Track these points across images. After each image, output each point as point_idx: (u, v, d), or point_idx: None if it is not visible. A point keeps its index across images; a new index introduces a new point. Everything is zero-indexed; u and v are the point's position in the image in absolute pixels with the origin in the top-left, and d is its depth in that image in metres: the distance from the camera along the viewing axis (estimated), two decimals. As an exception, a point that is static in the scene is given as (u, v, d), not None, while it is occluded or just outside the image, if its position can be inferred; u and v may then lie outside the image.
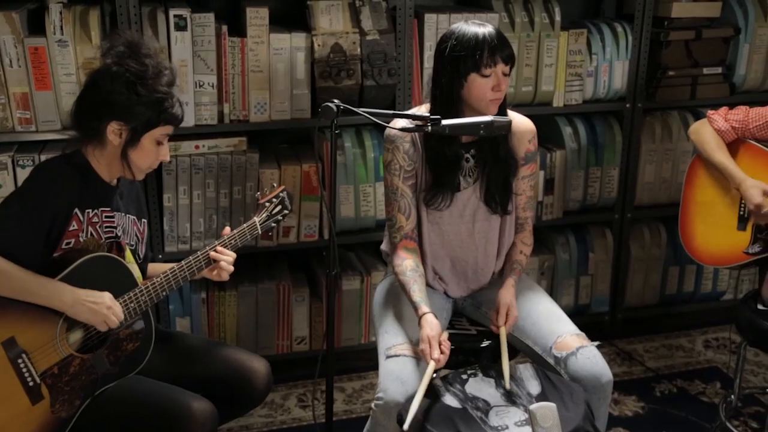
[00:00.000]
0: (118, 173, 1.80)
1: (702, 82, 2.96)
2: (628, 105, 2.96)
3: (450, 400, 1.76)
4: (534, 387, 1.80)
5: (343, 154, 2.75)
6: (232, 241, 1.90)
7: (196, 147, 2.62)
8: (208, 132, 2.62)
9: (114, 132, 1.71)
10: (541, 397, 1.76)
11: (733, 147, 2.36)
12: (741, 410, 2.71)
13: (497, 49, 1.92)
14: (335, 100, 1.86)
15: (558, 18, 2.79)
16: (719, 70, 2.97)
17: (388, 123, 1.92)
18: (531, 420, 1.56)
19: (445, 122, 1.81)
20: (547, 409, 1.54)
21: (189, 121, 2.56)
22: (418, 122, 1.84)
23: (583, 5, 3.18)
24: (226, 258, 1.88)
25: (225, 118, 2.62)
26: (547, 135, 3.07)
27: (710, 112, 2.41)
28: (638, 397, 2.82)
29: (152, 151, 1.75)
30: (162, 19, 2.46)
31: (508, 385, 1.80)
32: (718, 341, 3.19)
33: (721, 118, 2.36)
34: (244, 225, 1.94)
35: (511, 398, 1.76)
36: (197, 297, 2.79)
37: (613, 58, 2.89)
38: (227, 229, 1.93)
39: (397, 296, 2.11)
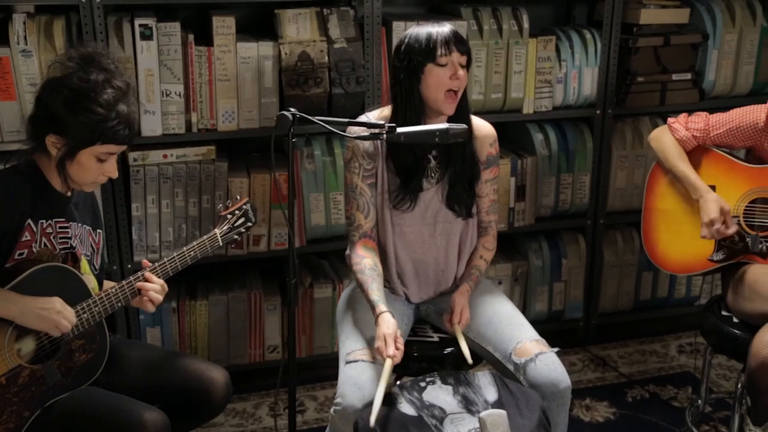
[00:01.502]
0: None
1: (671, 88, 2.98)
2: (598, 111, 2.97)
3: (406, 408, 1.76)
4: (491, 394, 1.80)
5: (313, 162, 2.76)
6: (192, 253, 1.89)
7: (164, 156, 2.62)
8: (176, 141, 2.62)
9: (52, 144, 1.70)
10: (497, 404, 1.76)
11: (695, 154, 2.36)
12: (711, 415, 2.71)
13: (452, 40, 1.96)
14: (291, 109, 1.87)
15: (526, 25, 2.80)
16: (688, 76, 2.99)
17: (343, 131, 1.92)
18: (481, 427, 1.56)
19: (400, 130, 1.81)
20: (497, 416, 1.53)
21: (156, 131, 2.57)
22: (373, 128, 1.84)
23: (554, 13, 3.19)
24: (154, 287, 1.81)
25: (193, 127, 2.62)
26: (518, 141, 3.09)
27: (670, 120, 2.41)
28: (610, 403, 2.82)
29: (92, 168, 1.72)
30: (128, 28, 2.46)
31: (470, 360, 1.82)
32: (692, 346, 3.20)
33: (682, 127, 2.36)
34: (205, 237, 1.93)
35: (467, 405, 1.76)
36: (167, 306, 2.78)
37: (582, 64, 2.90)
38: (145, 262, 1.87)
39: (359, 302, 2.11)
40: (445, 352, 2.08)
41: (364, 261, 2.04)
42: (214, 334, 2.84)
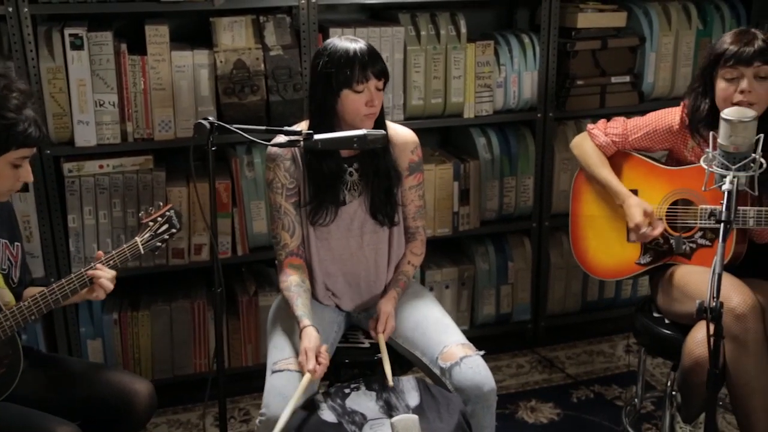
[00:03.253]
0: None
1: (611, 91, 3.01)
2: (539, 114, 2.99)
3: (327, 414, 1.76)
4: (413, 399, 1.81)
5: (254, 169, 2.75)
6: (111, 261, 1.88)
7: (100, 166, 2.60)
8: (112, 151, 2.60)
9: None
10: (419, 408, 1.76)
11: (616, 158, 2.38)
12: (654, 413, 2.74)
13: (368, 64, 1.94)
14: (209, 117, 1.86)
15: (464, 30, 2.82)
16: (627, 78, 3.02)
17: (262, 140, 1.91)
18: (393, 432, 1.56)
19: (317, 136, 1.82)
20: (409, 421, 1.54)
21: (90, 141, 2.55)
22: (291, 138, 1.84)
23: (496, 18, 3.21)
24: (105, 275, 1.85)
25: (128, 137, 2.60)
26: (462, 146, 3.10)
27: (589, 126, 2.43)
28: (555, 404, 2.84)
29: (8, 175, 1.71)
30: (57, 38, 2.44)
31: (391, 383, 1.81)
32: (631, 347, 3.22)
33: (601, 132, 2.38)
34: (125, 245, 1.92)
35: (388, 411, 1.76)
36: (109, 318, 2.76)
37: (521, 68, 2.93)
38: (100, 253, 1.90)
39: (288, 312, 2.10)
40: (376, 357, 2.08)
41: (290, 278, 2.05)
42: (157, 345, 2.82)
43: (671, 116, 2.26)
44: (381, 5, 2.91)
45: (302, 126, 2.09)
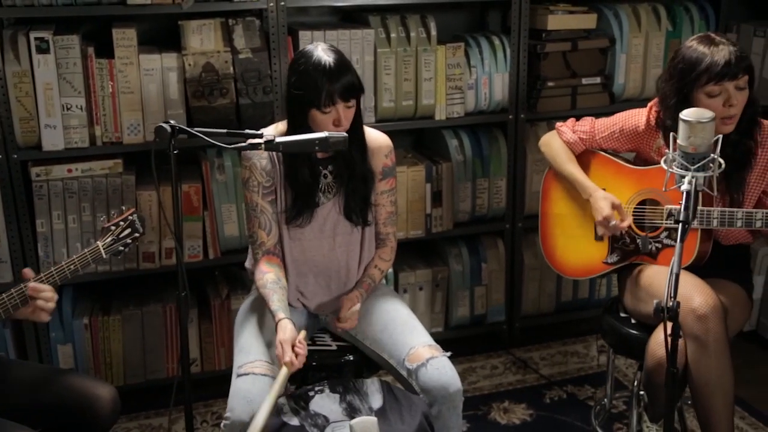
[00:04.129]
0: None
1: (582, 92, 3.02)
2: (510, 116, 3.00)
3: (290, 418, 1.76)
4: (376, 401, 1.81)
5: (224, 173, 2.74)
6: (71, 266, 1.86)
7: (69, 171, 2.59)
8: (80, 155, 2.59)
9: None
10: (381, 410, 1.77)
11: (584, 158, 2.40)
12: (625, 413, 2.75)
13: (336, 89, 1.93)
14: (171, 121, 1.86)
15: (434, 32, 2.82)
16: (598, 80, 3.03)
17: (224, 143, 1.89)
18: (352, 435, 1.56)
19: (279, 139, 1.82)
20: (368, 423, 1.54)
21: (58, 145, 2.54)
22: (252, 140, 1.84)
23: (468, 20, 3.22)
24: (44, 295, 1.79)
25: (97, 141, 2.59)
26: (435, 148, 3.11)
27: (558, 124, 2.45)
28: (528, 405, 2.84)
29: None
30: (23, 42, 2.43)
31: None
32: (601, 347, 3.23)
33: (569, 129, 2.40)
34: (86, 250, 1.91)
35: (351, 413, 1.76)
36: (79, 323, 2.75)
37: (492, 70, 2.93)
38: (27, 271, 1.84)
39: (256, 315, 2.10)
40: (343, 360, 2.08)
41: (267, 276, 2.05)
42: (129, 350, 2.81)
43: (637, 117, 2.27)
44: (352, 8, 2.91)
45: (279, 127, 2.09)
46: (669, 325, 1.61)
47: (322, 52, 1.98)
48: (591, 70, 3.03)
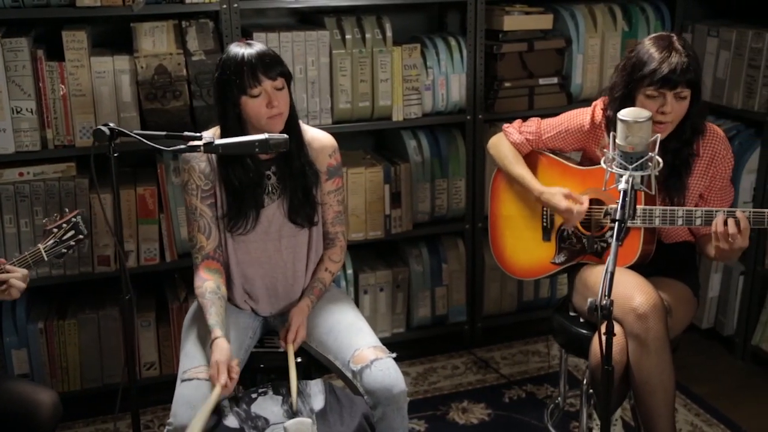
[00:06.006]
0: None
1: (539, 92, 3.04)
2: (468, 117, 3.01)
3: (231, 420, 1.75)
4: (318, 402, 1.81)
5: (180, 175, 2.73)
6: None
7: (20, 174, 2.57)
8: (32, 158, 2.57)
9: None
10: (322, 412, 1.76)
11: (531, 159, 2.41)
12: (583, 412, 2.76)
13: (258, 67, 1.93)
14: (110, 123, 1.84)
15: (390, 33, 2.83)
16: (555, 80, 3.05)
17: (164, 146, 1.88)
18: (286, 437, 1.56)
19: (218, 141, 1.81)
20: (301, 425, 1.54)
21: (8, 148, 2.52)
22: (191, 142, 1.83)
23: (427, 21, 3.23)
24: (16, 274, 1.84)
25: (49, 144, 2.57)
26: (395, 149, 3.11)
27: (505, 125, 2.46)
28: (487, 405, 2.85)
29: None
30: (-30, 45, 2.41)
31: (295, 404, 1.80)
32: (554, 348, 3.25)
33: (515, 130, 2.41)
34: (27, 252, 1.90)
35: (292, 415, 1.76)
36: (34, 327, 2.72)
37: (448, 71, 2.94)
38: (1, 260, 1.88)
39: (201, 320, 2.09)
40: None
41: (206, 284, 2.04)
42: (86, 354, 2.79)
43: (582, 116, 2.29)
44: (309, 9, 2.91)
45: (215, 132, 2.08)
46: (604, 323, 1.61)
47: (242, 44, 1.99)
48: (548, 70, 3.04)
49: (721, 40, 3.00)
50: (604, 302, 1.59)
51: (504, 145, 2.40)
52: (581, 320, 2.26)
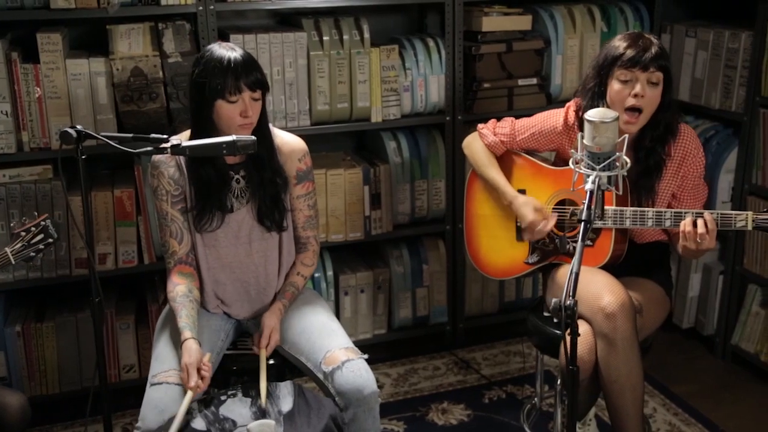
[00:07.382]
0: None
1: (518, 93, 3.04)
2: (448, 118, 3.01)
3: (198, 423, 1.75)
4: (287, 404, 1.81)
5: (150, 181, 2.72)
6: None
7: (-4, 177, 2.57)
8: (8, 161, 2.57)
9: None
10: (290, 413, 1.76)
11: (505, 159, 2.41)
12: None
13: (242, 75, 1.93)
14: (78, 126, 1.84)
15: (367, 35, 2.83)
16: (534, 81, 3.05)
17: (132, 149, 1.88)
18: (249, 439, 1.56)
19: (185, 143, 1.81)
20: (265, 426, 1.53)
21: (-16, 151, 2.51)
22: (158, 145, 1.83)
23: (407, 23, 3.23)
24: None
25: (25, 147, 2.57)
26: (375, 150, 3.11)
27: (480, 126, 2.46)
28: (466, 405, 2.85)
29: None
30: (-56, 48, 2.41)
31: (264, 405, 1.80)
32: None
33: (490, 132, 2.41)
34: (-7, 257, 1.90)
35: (261, 417, 1.76)
36: (11, 330, 2.72)
37: (427, 72, 2.95)
38: None
39: (172, 324, 2.09)
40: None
41: (177, 288, 2.04)
42: (64, 357, 2.79)
43: (555, 117, 2.29)
44: (288, 11, 2.91)
45: (186, 134, 2.08)
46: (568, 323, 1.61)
47: (227, 47, 1.99)
48: (527, 71, 3.04)
49: (699, 40, 3.01)
50: (569, 302, 1.58)
51: (477, 146, 2.40)
52: (555, 320, 2.26)
